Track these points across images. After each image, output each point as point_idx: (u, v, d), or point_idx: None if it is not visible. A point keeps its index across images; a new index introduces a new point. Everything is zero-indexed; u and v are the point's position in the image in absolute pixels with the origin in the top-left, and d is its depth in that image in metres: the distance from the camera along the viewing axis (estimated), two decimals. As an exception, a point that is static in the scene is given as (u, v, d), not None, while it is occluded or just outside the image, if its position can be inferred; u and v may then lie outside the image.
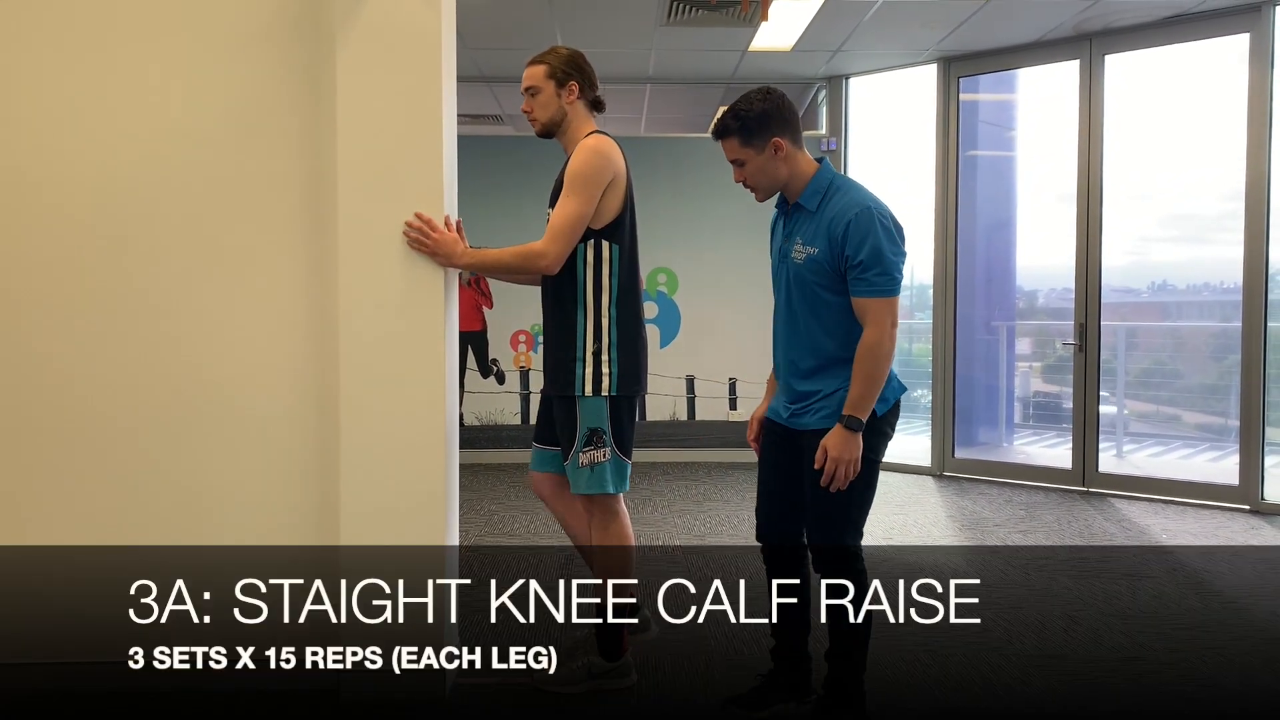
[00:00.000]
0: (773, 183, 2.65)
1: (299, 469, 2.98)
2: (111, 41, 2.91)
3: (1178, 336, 7.12)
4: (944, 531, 5.10)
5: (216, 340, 2.96)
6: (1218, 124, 5.97)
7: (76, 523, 2.97)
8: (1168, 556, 4.62)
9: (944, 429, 6.75)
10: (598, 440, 2.87)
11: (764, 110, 2.58)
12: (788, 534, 2.76)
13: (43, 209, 2.93)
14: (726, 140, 2.63)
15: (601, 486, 2.90)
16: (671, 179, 7.04)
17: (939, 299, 6.75)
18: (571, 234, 2.81)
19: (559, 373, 2.90)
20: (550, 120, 2.93)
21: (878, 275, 2.50)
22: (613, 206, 2.87)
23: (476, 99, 7.42)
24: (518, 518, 5.34)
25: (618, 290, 2.89)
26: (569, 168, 2.85)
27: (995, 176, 7.26)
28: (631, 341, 2.91)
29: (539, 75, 2.91)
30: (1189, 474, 6.20)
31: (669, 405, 7.18)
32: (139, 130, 2.92)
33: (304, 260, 2.96)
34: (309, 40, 2.92)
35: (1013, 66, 6.55)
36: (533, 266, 2.84)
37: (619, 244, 2.89)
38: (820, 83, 7.31)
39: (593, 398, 2.87)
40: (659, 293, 7.14)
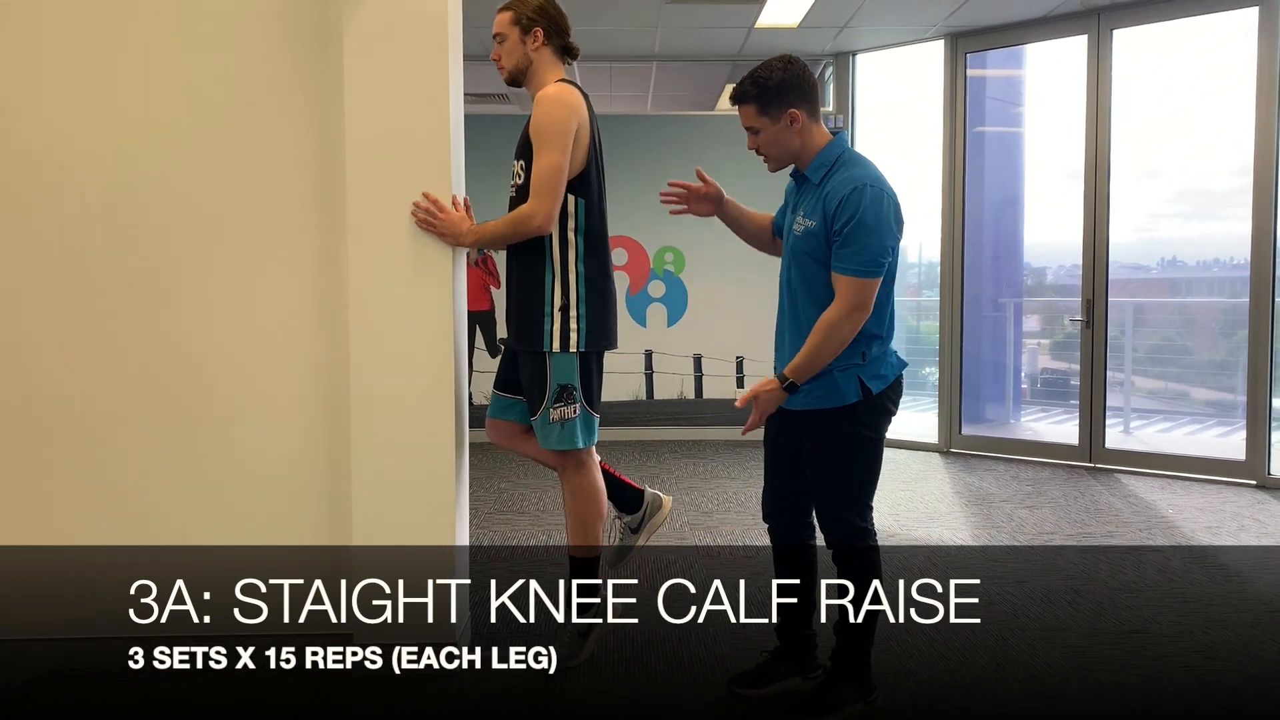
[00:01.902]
0: (785, 153, 2.63)
1: (310, 447, 3.01)
2: (117, 23, 2.92)
3: (1186, 313, 7.11)
4: (950, 507, 5.12)
5: (226, 319, 2.98)
6: (1226, 99, 5.94)
7: (82, 519, 3.01)
8: (1173, 531, 4.64)
9: (951, 406, 6.76)
10: (568, 396, 2.87)
11: (783, 80, 2.56)
12: (794, 512, 2.78)
13: (50, 194, 2.95)
14: (744, 107, 2.60)
15: (572, 442, 2.90)
16: (678, 157, 7.03)
17: (946, 276, 6.75)
18: (555, 188, 2.77)
19: (526, 328, 2.88)
20: (515, 67, 2.91)
21: (854, 253, 2.46)
22: (578, 159, 2.83)
23: (481, 78, 7.42)
24: (527, 495, 5.38)
25: (584, 246, 2.87)
26: (532, 123, 2.81)
27: (1003, 153, 7.23)
28: (600, 297, 2.89)
29: (505, 21, 2.90)
30: (1196, 449, 6.20)
31: (677, 384, 7.20)
32: (144, 112, 2.94)
33: (312, 240, 2.98)
34: (316, 21, 2.93)
35: (1020, 42, 6.51)
36: (526, 229, 2.80)
37: (585, 198, 2.86)
38: (827, 59, 7.28)
39: (561, 354, 2.86)
40: (666, 271, 7.15)
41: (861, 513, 2.64)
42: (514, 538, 4.53)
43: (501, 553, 4.29)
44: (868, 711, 2.69)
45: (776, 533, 2.82)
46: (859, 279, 2.47)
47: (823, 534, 2.68)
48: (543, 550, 4.32)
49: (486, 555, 4.24)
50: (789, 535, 2.80)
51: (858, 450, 2.60)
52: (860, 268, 2.47)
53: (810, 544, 2.81)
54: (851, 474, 2.61)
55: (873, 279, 2.48)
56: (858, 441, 2.59)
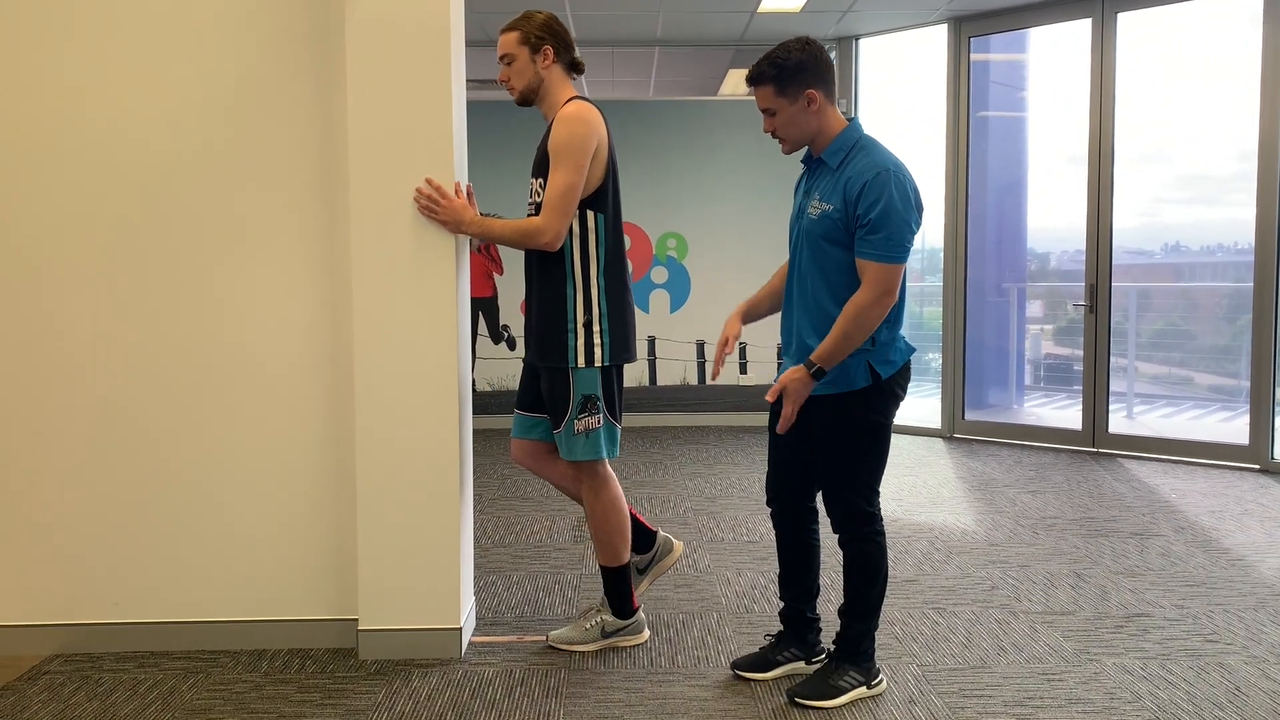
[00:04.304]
0: (801, 135, 2.62)
1: (311, 429, 3.01)
2: (119, 13, 2.91)
3: (1190, 297, 7.10)
4: (954, 493, 5.13)
5: (229, 306, 2.98)
6: (1230, 83, 5.91)
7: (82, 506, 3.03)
8: (1176, 515, 4.64)
9: (954, 391, 6.76)
10: (592, 407, 2.88)
11: (801, 60, 2.55)
12: (798, 497, 2.78)
13: (49, 192, 2.94)
14: (761, 88, 2.59)
15: (596, 452, 2.91)
16: (680, 143, 7.02)
17: (949, 261, 6.74)
18: (567, 207, 2.78)
19: (549, 345, 2.88)
20: (527, 88, 2.89)
21: (884, 239, 2.47)
22: (596, 175, 2.84)
23: (483, 64, 7.40)
24: (530, 481, 5.39)
25: (605, 259, 2.88)
26: (552, 140, 2.81)
27: (1006, 138, 7.21)
28: (620, 310, 2.90)
29: (512, 42, 2.87)
30: (1199, 434, 6.20)
31: (679, 370, 7.21)
32: (146, 101, 2.93)
33: (315, 227, 2.97)
34: (318, 8, 2.93)
35: (1024, 26, 6.49)
36: (533, 244, 2.80)
37: (603, 213, 2.87)
38: (830, 44, 7.26)
39: (586, 369, 2.87)
40: (669, 258, 7.15)
41: (869, 497, 2.64)
42: (518, 523, 4.54)
43: (506, 538, 4.30)
44: (871, 695, 2.70)
45: (780, 516, 2.82)
46: (887, 264, 2.47)
47: (829, 517, 2.69)
48: (546, 535, 4.33)
49: (491, 541, 4.26)
50: (793, 519, 2.80)
51: (866, 435, 2.60)
52: (888, 253, 2.48)
53: (814, 528, 2.82)
54: (859, 458, 2.61)
55: (900, 264, 2.49)
56: (866, 426, 2.60)
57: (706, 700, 2.69)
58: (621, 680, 2.82)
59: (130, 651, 3.02)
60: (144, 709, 2.64)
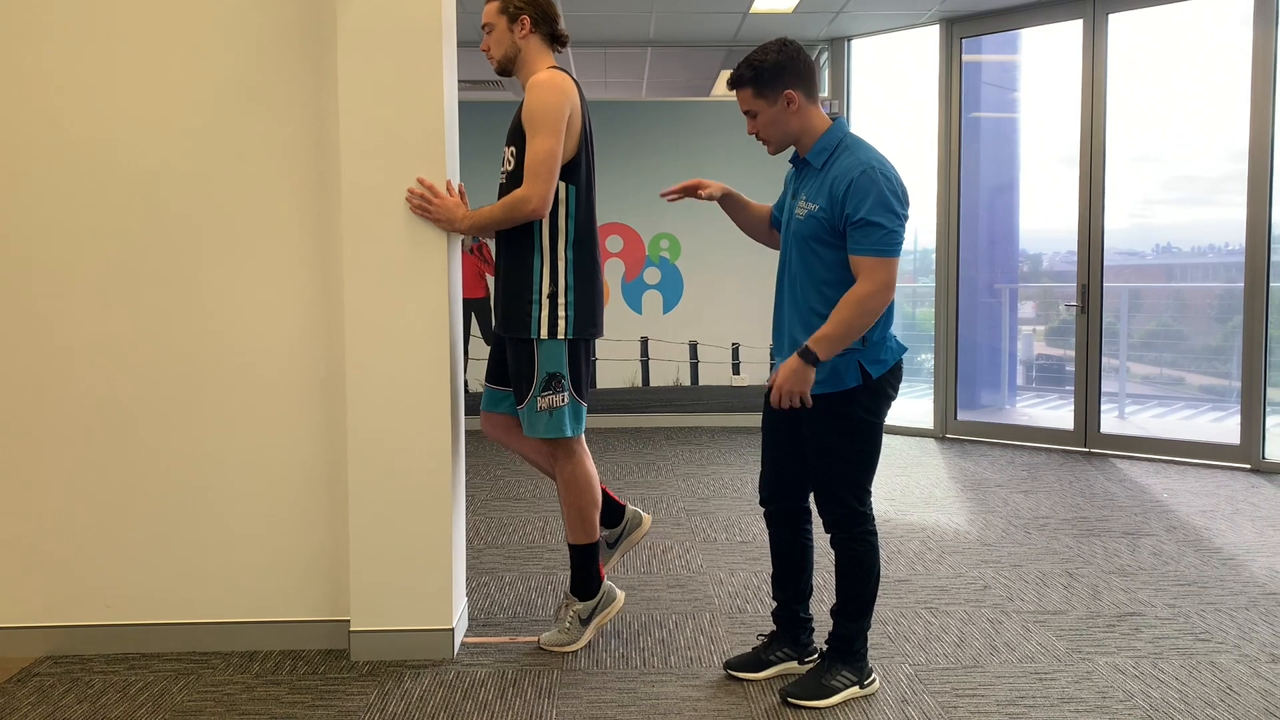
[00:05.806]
0: (784, 136, 2.63)
1: (303, 429, 3.00)
2: (110, 14, 2.90)
3: (1181, 298, 7.12)
4: (946, 493, 5.13)
5: (220, 307, 2.97)
6: (1221, 84, 5.94)
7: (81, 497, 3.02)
8: (1168, 515, 4.65)
9: (946, 391, 6.77)
10: (556, 385, 2.87)
11: (778, 61, 2.56)
12: (791, 497, 2.78)
13: (44, 191, 2.93)
14: (740, 90, 2.60)
15: (560, 430, 2.90)
16: (672, 143, 7.02)
17: (941, 262, 6.75)
18: (549, 172, 2.77)
19: (513, 315, 2.88)
20: (504, 56, 2.92)
21: (878, 234, 2.47)
22: (570, 146, 2.84)
23: (475, 65, 7.39)
24: (523, 482, 5.39)
25: (574, 232, 2.88)
26: (526, 107, 2.81)
27: (998, 139, 7.23)
28: (588, 284, 2.90)
29: (492, 11, 2.91)
30: (1191, 434, 6.22)
31: (672, 371, 7.21)
32: (138, 102, 2.92)
33: (307, 227, 2.97)
34: (309, 9, 2.92)
35: (1016, 27, 6.50)
36: (521, 213, 2.79)
37: (575, 185, 2.87)
38: (822, 45, 7.27)
39: (549, 340, 2.86)
40: (661, 258, 7.15)
41: (860, 496, 2.64)
42: (510, 524, 4.53)
43: (498, 539, 4.29)
44: (863, 694, 2.70)
45: (773, 516, 2.82)
46: (883, 259, 2.48)
47: (821, 517, 2.69)
48: (539, 536, 4.33)
49: (484, 542, 4.25)
50: (786, 519, 2.80)
51: (857, 434, 2.60)
52: (884, 248, 2.48)
53: (807, 529, 2.82)
54: (850, 458, 2.61)
55: (895, 258, 2.50)
56: (857, 426, 2.60)
57: (699, 700, 2.68)
58: (614, 680, 2.81)
59: (121, 653, 3.01)
60: (134, 711, 2.63)
